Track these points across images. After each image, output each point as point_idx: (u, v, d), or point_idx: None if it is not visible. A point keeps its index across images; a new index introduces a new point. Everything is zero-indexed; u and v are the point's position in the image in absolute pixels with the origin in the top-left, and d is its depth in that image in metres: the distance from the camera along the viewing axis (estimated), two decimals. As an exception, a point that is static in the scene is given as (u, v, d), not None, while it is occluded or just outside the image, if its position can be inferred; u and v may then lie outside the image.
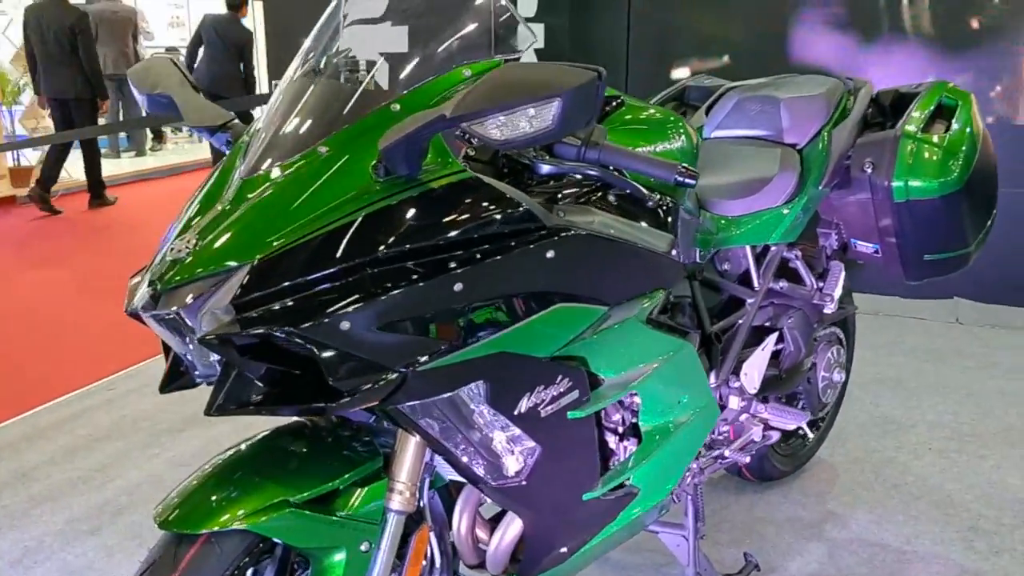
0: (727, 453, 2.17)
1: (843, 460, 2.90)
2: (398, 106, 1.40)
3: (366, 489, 1.46)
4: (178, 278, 1.29)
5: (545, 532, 1.67)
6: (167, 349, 1.54)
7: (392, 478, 1.49)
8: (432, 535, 1.61)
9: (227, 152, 1.54)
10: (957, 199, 2.19)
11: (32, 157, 8.71)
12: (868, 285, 4.09)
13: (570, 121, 1.20)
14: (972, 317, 4.16)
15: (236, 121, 1.61)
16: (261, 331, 1.24)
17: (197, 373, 1.42)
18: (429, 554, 1.62)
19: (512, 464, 1.52)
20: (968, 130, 2.25)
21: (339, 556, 1.44)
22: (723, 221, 2.17)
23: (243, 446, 1.50)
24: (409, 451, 1.50)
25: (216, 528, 1.33)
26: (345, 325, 1.25)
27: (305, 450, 1.49)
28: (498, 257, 1.36)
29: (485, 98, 1.18)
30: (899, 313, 4.28)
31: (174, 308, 1.30)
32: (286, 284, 1.27)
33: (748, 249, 2.23)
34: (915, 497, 2.67)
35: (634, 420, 1.78)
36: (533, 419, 1.49)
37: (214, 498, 1.37)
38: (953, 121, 2.27)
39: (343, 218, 1.30)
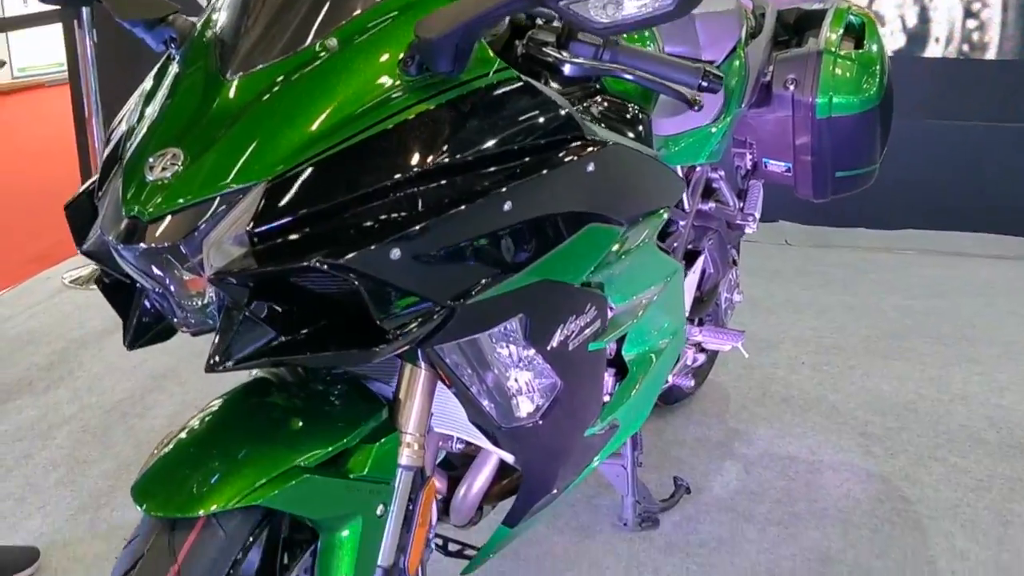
0: (670, 379, 2.12)
1: (730, 379, 2.96)
2: None
3: (377, 444, 1.25)
4: (173, 203, 1.02)
5: (544, 475, 1.54)
6: (115, 299, 1.25)
7: (400, 430, 1.30)
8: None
9: (174, 53, 1.23)
10: (872, 116, 2.23)
11: None
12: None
13: None
14: (800, 239, 4.40)
15: (180, 14, 1.29)
16: (295, 264, 1.00)
17: (176, 320, 1.15)
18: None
19: (529, 403, 1.37)
20: (879, 48, 2.29)
21: (353, 523, 1.24)
22: (658, 140, 2.09)
23: (219, 404, 1.24)
24: (416, 398, 1.32)
25: (220, 507, 1.09)
26: (396, 254, 1.03)
27: (302, 405, 1.26)
28: (544, 172, 1.18)
29: None
30: (736, 237, 4.45)
31: (167, 242, 1.03)
32: (313, 208, 1.03)
33: (678, 170, 2.16)
34: (804, 409, 2.77)
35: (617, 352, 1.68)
36: (563, 353, 1.34)
37: (210, 472, 1.12)
38: (865, 40, 2.30)
39: (373, 126, 1.07)
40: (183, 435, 1.19)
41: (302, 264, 1.00)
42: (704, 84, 1.36)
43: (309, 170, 1.04)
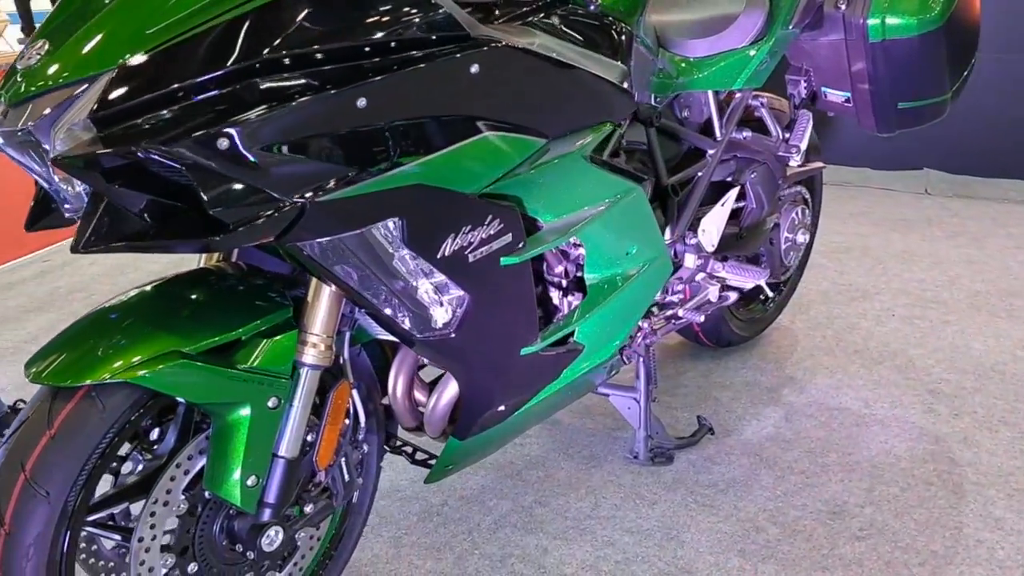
0: (681, 313, 2.05)
1: (804, 327, 2.81)
2: None
3: (273, 340, 1.31)
4: (30, 89, 1.10)
5: (480, 389, 1.55)
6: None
7: (304, 329, 1.36)
8: (355, 392, 1.49)
9: None
10: (936, 39, 2.02)
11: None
12: (837, 156, 3.95)
13: None
14: (942, 188, 4.04)
15: None
16: (122, 149, 1.05)
17: (67, 207, 1.24)
18: (352, 413, 1.50)
19: (440, 315, 1.39)
20: (947, -38, 2.06)
21: (244, 412, 1.30)
22: (684, 63, 1.99)
23: (133, 292, 1.34)
24: (323, 300, 1.36)
25: (94, 380, 1.18)
26: (223, 143, 1.05)
27: (205, 297, 1.33)
28: (410, 70, 1.17)
29: None
30: (868, 184, 4.16)
31: (22, 125, 1.11)
32: (155, 94, 1.07)
33: (711, 95, 2.06)
34: (876, 362, 2.59)
35: (579, 273, 1.65)
36: (460, 264, 1.34)
37: (95, 348, 1.21)
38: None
39: (222, 14, 1.10)
40: (91, 314, 1.30)
41: (128, 150, 1.05)
42: None
43: (153, 58, 1.08)
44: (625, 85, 1.58)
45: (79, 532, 1.26)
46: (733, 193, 2.12)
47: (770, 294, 2.42)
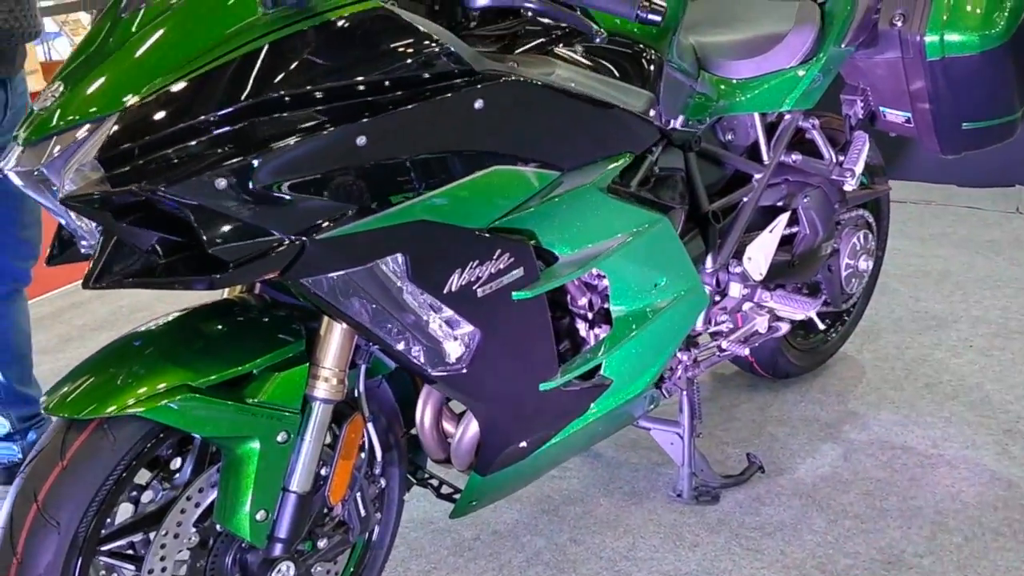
0: (725, 344, 1.96)
1: (872, 357, 2.66)
2: None
3: (283, 374, 1.31)
4: (42, 131, 1.12)
5: (498, 425, 1.51)
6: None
7: (316, 363, 1.34)
8: (371, 426, 1.46)
9: None
10: (1001, 56, 1.89)
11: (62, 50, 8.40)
12: (919, 172, 3.77)
13: None
14: (1036, 207, 3.81)
15: None
16: (124, 190, 1.07)
17: (83, 244, 1.26)
18: (368, 446, 1.48)
19: (452, 350, 1.35)
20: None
21: (253, 446, 1.30)
22: (726, 85, 1.92)
23: (152, 325, 1.35)
24: (335, 333, 1.34)
25: (100, 414, 1.19)
26: (221, 183, 1.06)
27: (220, 330, 1.33)
28: (409, 106, 1.15)
29: None
30: (952, 202, 3.94)
31: (36, 165, 1.13)
32: (158, 135, 1.09)
33: (757, 117, 1.97)
34: (948, 397, 2.43)
35: (604, 305, 1.59)
36: (468, 299, 1.30)
37: (108, 381, 1.23)
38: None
39: (222, 56, 1.10)
40: (110, 345, 1.31)
41: (132, 189, 1.06)
42: (641, 15, 1.25)
43: (156, 100, 1.10)
44: (651, 113, 1.52)
45: (90, 561, 1.27)
46: (783, 219, 2.03)
47: (821, 325, 2.29)
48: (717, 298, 1.95)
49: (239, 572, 1.39)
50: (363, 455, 1.47)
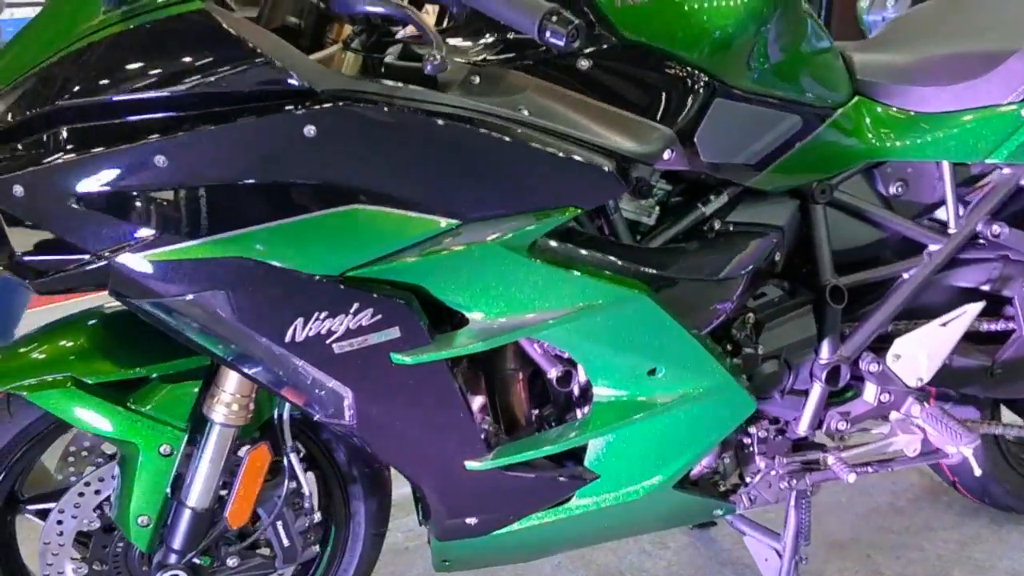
0: (832, 460, 1.48)
1: None
2: None
3: (172, 387, 1.27)
4: None
5: (430, 493, 1.32)
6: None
7: (216, 384, 1.27)
8: (293, 457, 1.36)
9: None
10: None
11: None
12: None
13: None
14: None
15: None
16: None
17: None
18: (290, 477, 1.38)
19: (331, 399, 1.19)
20: None
21: (135, 451, 1.28)
22: (899, 118, 1.42)
23: (86, 312, 1.36)
24: None
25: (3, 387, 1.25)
26: (18, 190, 1.03)
27: (127, 332, 1.32)
28: (214, 127, 1.00)
29: None
30: None
31: None
32: None
33: (947, 168, 1.43)
34: None
35: (571, 388, 1.29)
36: (322, 354, 1.13)
37: (12, 358, 1.28)
38: None
39: (46, 60, 1.05)
40: (44, 326, 1.36)
41: None
42: (545, 36, 0.95)
43: None
44: (667, 156, 1.16)
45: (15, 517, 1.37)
46: (972, 309, 1.46)
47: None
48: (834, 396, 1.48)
49: (143, 567, 1.38)
50: (291, 484, 1.38)
